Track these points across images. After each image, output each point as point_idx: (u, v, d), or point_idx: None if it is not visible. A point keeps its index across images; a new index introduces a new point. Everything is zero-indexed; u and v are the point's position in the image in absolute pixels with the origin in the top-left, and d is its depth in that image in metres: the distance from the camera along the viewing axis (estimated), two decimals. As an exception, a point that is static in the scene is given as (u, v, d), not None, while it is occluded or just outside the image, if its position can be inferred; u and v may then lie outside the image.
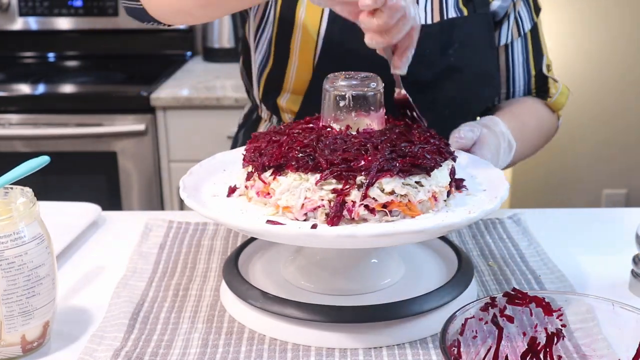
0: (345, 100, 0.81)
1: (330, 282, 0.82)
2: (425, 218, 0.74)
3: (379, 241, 0.73)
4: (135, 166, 2.24)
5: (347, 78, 0.82)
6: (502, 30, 1.14)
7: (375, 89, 0.82)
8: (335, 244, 0.73)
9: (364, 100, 0.81)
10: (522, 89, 1.18)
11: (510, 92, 1.18)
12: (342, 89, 0.81)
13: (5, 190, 0.75)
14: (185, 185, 0.81)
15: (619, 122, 2.73)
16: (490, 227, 1.05)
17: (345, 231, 0.70)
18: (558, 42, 2.58)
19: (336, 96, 0.81)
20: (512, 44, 1.15)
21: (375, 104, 0.82)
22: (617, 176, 2.80)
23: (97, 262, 0.97)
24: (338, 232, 0.70)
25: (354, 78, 0.82)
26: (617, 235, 1.02)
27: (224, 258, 0.95)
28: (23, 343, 0.73)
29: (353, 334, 0.75)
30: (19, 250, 0.70)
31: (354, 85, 0.81)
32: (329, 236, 0.70)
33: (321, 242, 0.74)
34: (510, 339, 0.68)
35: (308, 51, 1.07)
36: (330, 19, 1.05)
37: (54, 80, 2.40)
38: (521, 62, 1.17)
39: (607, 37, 2.65)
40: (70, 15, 2.59)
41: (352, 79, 0.82)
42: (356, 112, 0.81)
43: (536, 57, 1.17)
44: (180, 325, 0.80)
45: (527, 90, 1.18)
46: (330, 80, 0.82)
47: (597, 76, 2.68)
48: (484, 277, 0.91)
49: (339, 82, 0.82)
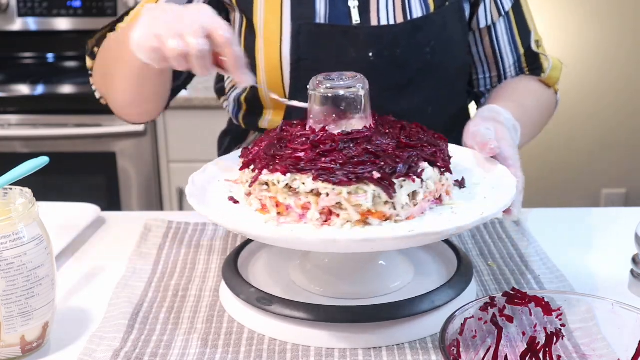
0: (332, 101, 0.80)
1: (338, 286, 0.82)
2: (449, 219, 0.76)
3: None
4: (134, 167, 2.24)
5: (333, 79, 0.82)
6: (479, 12, 1.12)
7: (363, 88, 0.81)
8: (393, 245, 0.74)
9: (352, 100, 0.80)
10: (513, 69, 1.15)
11: (501, 74, 1.16)
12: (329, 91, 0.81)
13: (4, 190, 0.75)
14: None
15: (618, 121, 2.73)
16: (490, 227, 1.05)
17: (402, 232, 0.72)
18: (557, 41, 2.58)
19: (322, 98, 0.81)
20: (495, 25, 1.13)
21: (362, 104, 0.81)
22: (616, 176, 2.80)
23: (96, 262, 0.97)
24: (394, 233, 0.71)
25: (340, 79, 0.82)
26: (616, 235, 1.02)
27: (224, 258, 0.95)
28: (22, 344, 0.73)
29: (353, 334, 0.75)
30: (18, 251, 0.70)
31: (341, 86, 0.81)
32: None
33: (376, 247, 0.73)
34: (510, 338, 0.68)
35: (277, 80, 1.07)
36: (293, 48, 1.05)
37: (53, 81, 2.40)
38: (507, 42, 1.14)
39: (606, 36, 2.65)
40: (69, 16, 2.59)
41: (339, 79, 0.82)
42: (344, 113, 0.80)
43: (522, 35, 1.15)
44: (179, 326, 0.80)
45: (518, 69, 1.16)
46: (317, 82, 0.82)
47: (596, 75, 2.68)
48: (484, 277, 0.91)
49: (326, 84, 0.81)
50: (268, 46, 1.06)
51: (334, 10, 1.06)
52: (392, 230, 0.72)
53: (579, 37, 2.65)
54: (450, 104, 1.16)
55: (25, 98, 2.26)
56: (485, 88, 1.18)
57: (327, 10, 1.06)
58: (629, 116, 2.73)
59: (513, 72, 1.16)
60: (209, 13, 0.81)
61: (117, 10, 2.57)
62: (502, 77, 1.16)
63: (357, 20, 1.06)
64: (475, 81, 1.19)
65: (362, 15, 1.06)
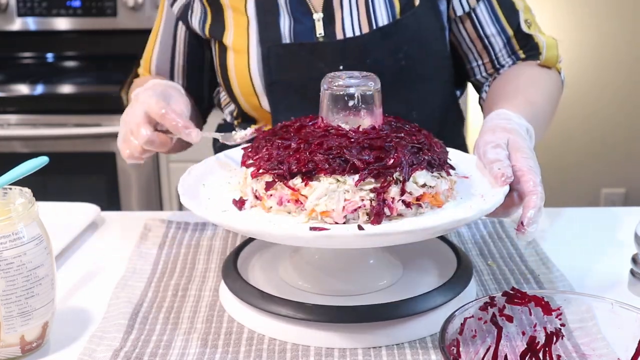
0: (347, 99, 0.81)
1: (327, 282, 0.82)
2: (454, 209, 0.76)
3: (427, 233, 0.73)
4: (134, 166, 2.24)
5: (347, 78, 0.82)
6: (453, 0, 1.09)
7: (374, 87, 0.82)
8: (407, 238, 0.74)
9: (364, 98, 0.81)
10: (505, 52, 1.11)
11: (493, 59, 1.12)
12: (342, 89, 0.81)
13: (4, 190, 0.75)
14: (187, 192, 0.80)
15: (618, 121, 2.73)
16: (490, 226, 1.05)
17: (417, 224, 0.71)
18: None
19: (336, 95, 0.81)
20: (475, 10, 1.09)
21: (374, 102, 0.82)
22: (615, 175, 2.80)
23: (96, 262, 0.97)
24: (405, 227, 0.71)
25: (353, 77, 0.82)
26: (616, 234, 1.02)
27: (223, 258, 0.95)
28: (22, 343, 0.73)
29: (352, 334, 0.75)
30: (18, 251, 0.70)
31: (355, 84, 0.81)
32: (397, 232, 0.71)
33: (391, 240, 0.74)
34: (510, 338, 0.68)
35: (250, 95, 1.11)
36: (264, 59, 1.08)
37: (52, 81, 2.40)
38: (491, 25, 1.10)
39: (605, 35, 2.65)
40: (68, 16, 2.59)
41: (352, 78, 0.82)
42: (356, 110, 0.81)
43: (508, 15, 1.10)
44: (179, 326, 0.80)
45: (510, 52, 1.11)
46: (329, 80, 0.82)
47: (596, 75, 2.68)
48: (483, 276, 0.91)
49: (338, 82, 0.82)
50: (239, 72, 1.09)
51: (299, 26, 1.07)
52: (393, 226, 0.73)
53: (578, 36, 2.65)
54: (436, 105, 1.15)
55: (25, 98, 2.26)
56: (482, 75, 1.15)
57: (292, 27, 1.07)
58: (629, 116, 2.73)
59: (505, 55, 1.12)
60: (143, 99, 0.94)
61: (117, 10, 2.57)
62: (495, 62, 1.12)
63: (321, 34, 1.07)
64: (470, 70, 1.16)
65: (326, 27, 1.07)
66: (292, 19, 1.07)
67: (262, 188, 0.76)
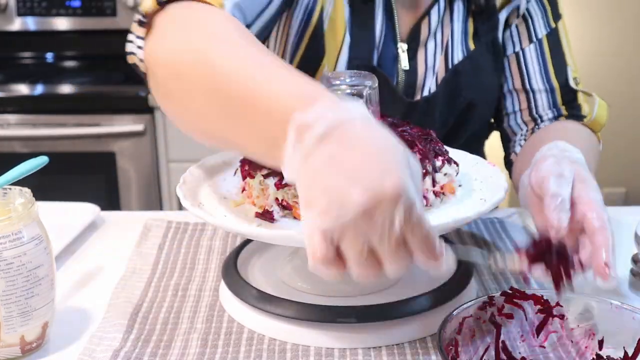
0: None
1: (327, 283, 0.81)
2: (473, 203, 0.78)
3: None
4: (133, 166, 2.24)
5: (345, 77, 0.82)
6: (505, 37, 1.07)
7: (371, 86, 0.82)
8: None
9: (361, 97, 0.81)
10: (545, 102, 1.06)
11: (532, 107, 1.07)
12: (341, 88, 0.81)
13: (3, 190, 0.75)
14: None
15: (618, 120, 2.73)
16: (489, 225, 1.05)
17: None
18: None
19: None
20: (524, 50, 1.06)
21: (371, 100, 0.82)
22: (616, 175, 2.80)
23: (96, 262, 0.97)
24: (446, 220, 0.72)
25: (351, 76, 0.82)
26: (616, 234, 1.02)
27: (223, 258, 0.95)
28: (22, 344, 0.73)
29: (352, 334, 0.75)
30: (18, 251, 0.70)
31: (353, 83, 0.81)
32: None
33: None
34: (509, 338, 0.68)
35: None
36: None
37: (52, 81, 2.40)
38: (537, 71, 1.06)
39: (606, 36, 2.65)
40: (68, 16, 2.59)
41: (350, 77, 0.82)
42: None
43: (557, 67, 1.06)
44: (179, 326, 0.80)
45: (552, 104, 1.06)
46: (328, 80, 0.82)
47: (596, 75, 2.68)
48: (483, 276, 0.91)
49: (336, 81, 0.82)
50: None
51: (385, 49, 1.03)
52: None
53: (578, 37, 2.65)
54: (483, 135, 1.15)
55: (25, 98, 2.26)
56: (516, 122, 1.10)
57: (380, 49, 1.03)
58: (629, 116, 2.73)
59: (546, 106, 1.06)
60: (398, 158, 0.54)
61: (117, 10, 2.57)
62: (533, 111, 1.07)
63: (406, 67, 1.03)
64: (505, 117, 1.11)
65: (410, 60, 1.04)
66: (381, 41, 1.02)
67: (293, 197, 0.74)
